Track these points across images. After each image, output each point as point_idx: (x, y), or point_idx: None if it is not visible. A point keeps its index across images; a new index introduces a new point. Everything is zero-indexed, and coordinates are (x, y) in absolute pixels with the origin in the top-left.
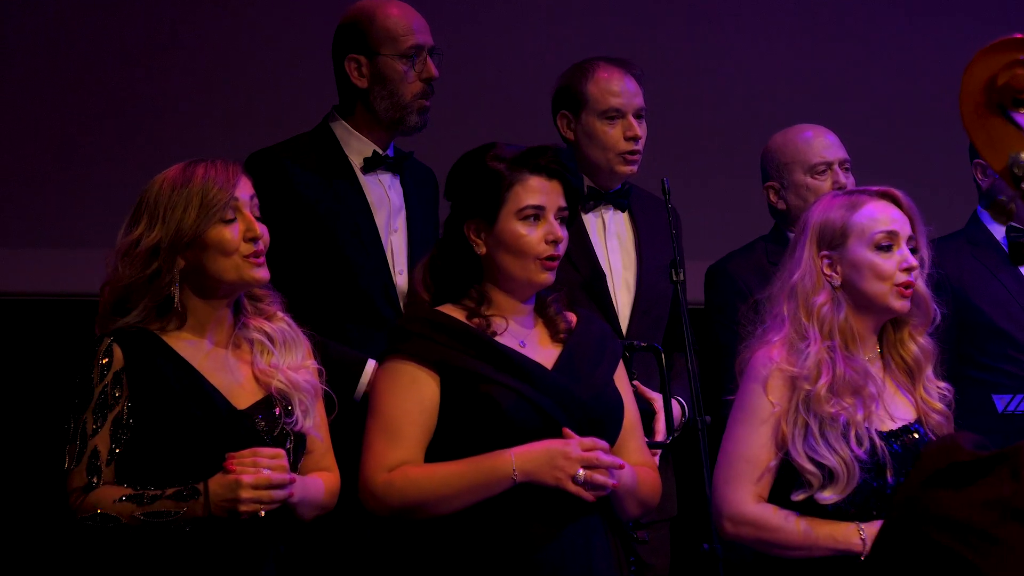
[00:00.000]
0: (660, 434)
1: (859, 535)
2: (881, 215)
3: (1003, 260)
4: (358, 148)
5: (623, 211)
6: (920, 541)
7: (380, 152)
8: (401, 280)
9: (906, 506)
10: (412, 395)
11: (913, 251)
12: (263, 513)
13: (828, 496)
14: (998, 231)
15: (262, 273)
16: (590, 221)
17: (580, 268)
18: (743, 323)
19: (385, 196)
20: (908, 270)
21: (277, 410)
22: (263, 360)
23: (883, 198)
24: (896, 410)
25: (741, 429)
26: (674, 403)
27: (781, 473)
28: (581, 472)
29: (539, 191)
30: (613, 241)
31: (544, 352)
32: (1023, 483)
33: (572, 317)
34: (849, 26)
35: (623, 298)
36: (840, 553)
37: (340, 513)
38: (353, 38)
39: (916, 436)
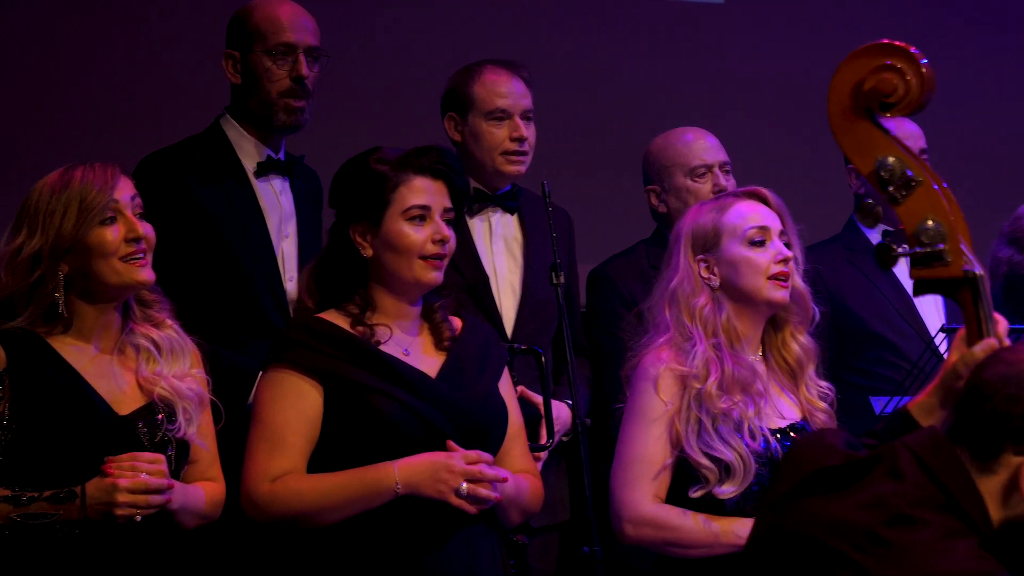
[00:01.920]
0: (543, 437)
1: None
2: (751, 212)
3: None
4: (250, 152)
5: (512, 214)
6: (800, 544)
7: (273, 155)
8: (292, 287)
9: (781, 508)
10: (295, 405)
11: (787, 245)
12: (139, 518)
13: (727, 490)
14: (874, 236)
15: (145, 274)
16: (476, 224)
17: (464, 272)
18: (627, 333)
19: (276, 201)
20: (783, 261)
21: (160, 417)
22: (147, 367)
23: (751, 197)
24: (783, 409)
25: (634, 430)
26: (564, 406)
27: (676, 475)
28: (464, 486)
29: (424, 191)
30: (499, 244)
31: (428, 360)
32: (906, 483)
33: (458, 323)
34: (733, 27)
35: (508, 302)
36: (741, 549)
37: (226, 522)
38: (234, 33)
39: (802, 434)
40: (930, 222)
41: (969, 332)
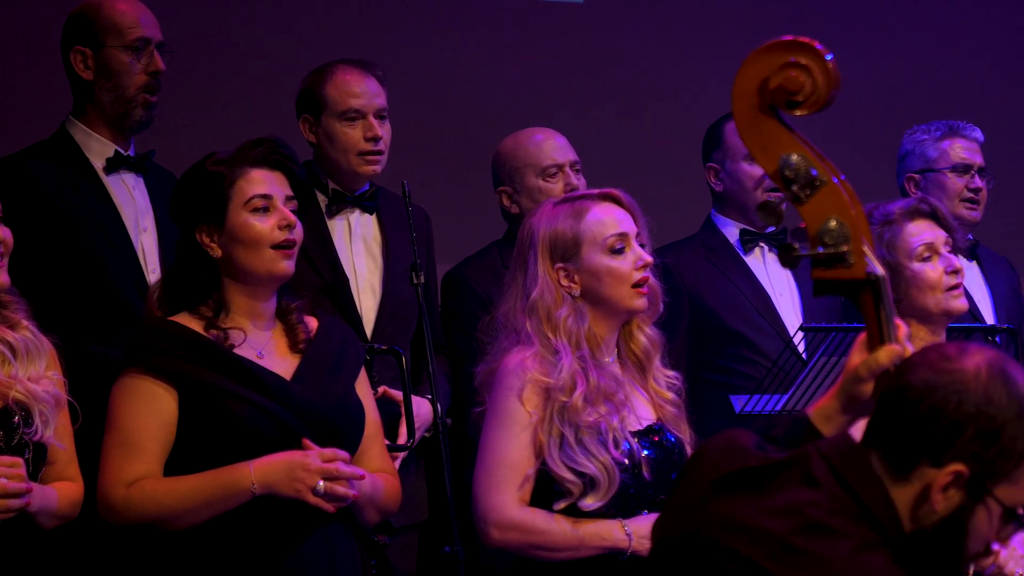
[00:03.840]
0: (403, 437)
1: (623, 531)
2: (608, 218)
3: (737, 263)
4: (98, 150)
5: (371, 214)
6: (709, 548)
7: (122, 152)
8: (155, 279)
9: (693, 511)
10: (149, 409)
11: (642, 246)
12: None
13: (591, 504)
14: (732, 234)
15: (2, 277)
16: (336, 225)
17: (323, 272)
18: (484, 334)
19: (130, 196)
20: (644, 267)
21: (16, 420)
22: (2, 371)
23: (605, 200)
24: (640, 410)
25: (499, 435)
26: (425, 402)
27: (536, 485)
28: (321, 484)
29: (263, 181)
30: (358, 245)
31: (283, 362)
32: (821, 491)
33: (313, 323)
34: (592, 28)
35: (367, 302)
36: (607, 551)
37: (85, 523)
38: (79, 30)
39: (659, 435)
40: (833, 223)
41: (870, 335)
